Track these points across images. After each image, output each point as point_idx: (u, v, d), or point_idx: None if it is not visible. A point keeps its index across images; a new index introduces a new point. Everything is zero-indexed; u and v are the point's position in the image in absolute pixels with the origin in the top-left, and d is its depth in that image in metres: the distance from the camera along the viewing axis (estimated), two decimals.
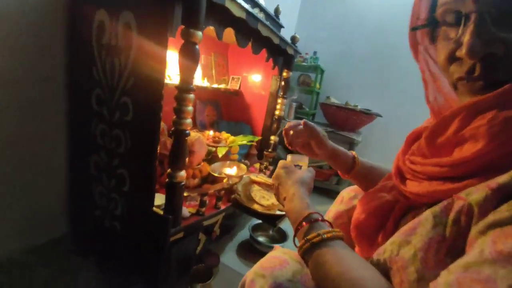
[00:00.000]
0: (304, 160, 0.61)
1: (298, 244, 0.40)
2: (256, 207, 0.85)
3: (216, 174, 0.95)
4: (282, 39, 1.07)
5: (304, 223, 0.41)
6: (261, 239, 1.21)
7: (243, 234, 1.26)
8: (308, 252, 0.37)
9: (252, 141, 1.21)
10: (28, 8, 0.75)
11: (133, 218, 0.78)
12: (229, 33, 0.84)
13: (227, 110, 1.60)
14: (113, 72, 0.73)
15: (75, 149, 0.91)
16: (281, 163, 0.57)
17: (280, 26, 1.20)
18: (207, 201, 0.86)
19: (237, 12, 0.73)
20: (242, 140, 1.16)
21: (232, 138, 1.17)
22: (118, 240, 0.84)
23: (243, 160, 1.32)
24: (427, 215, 0.32)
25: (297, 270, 0.40)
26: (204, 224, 0.87)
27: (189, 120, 0.68)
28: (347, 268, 0.32)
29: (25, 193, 0.85)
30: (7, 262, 0.81)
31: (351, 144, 1.80)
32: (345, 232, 0.41)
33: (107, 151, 0.79)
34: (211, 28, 0.74)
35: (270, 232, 1.33)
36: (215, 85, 1.33)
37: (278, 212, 1.04)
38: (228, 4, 0.69)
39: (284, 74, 1.35)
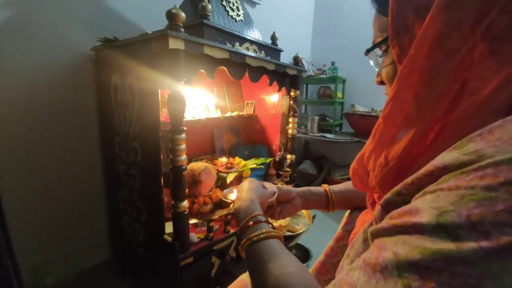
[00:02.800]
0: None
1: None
2: None
3: (225, 200, 1.02)
4: (278, 64, 1.12)
5: (250, 223, 0.44)
6: None
7: None
8: (247, 248, 0.40)
9: (264, 163, 1.26)
10: (69, 69, 0.97)
11: (151, 244, 0.90)
12: None
13: (245, 134, 1.69)
14: (125, 122, 0.88)
15: (108, 187, 1.09)
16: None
17: (279, 51, 1.26)
18: (215, 226, 0.93)
19: (219, 55, 0.82)
20: (253, 163, 1.22)
21: (243, 162, 1.24)
22: (143, 263, 0.96)
23: (262, 181, 1.37)
24: (361, 230, 0.34)
25: None
26: (215, 248, 0.93)
27: (183, 157, 0.77)
28: (277, 264, 0.34)
29: (75, 226, 1.05)
30: (61, 285, 0.99)
31: None
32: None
33: (128, 187, 0.93)
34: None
35: (293, 251, 1.33)
36: (229, 114, 1.43)
37: (287, 233, 1.05)
38: (208, 51, 0.78)
39: (292, 93, 1.38)
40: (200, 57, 0.79)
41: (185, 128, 0.76)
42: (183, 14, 0.69)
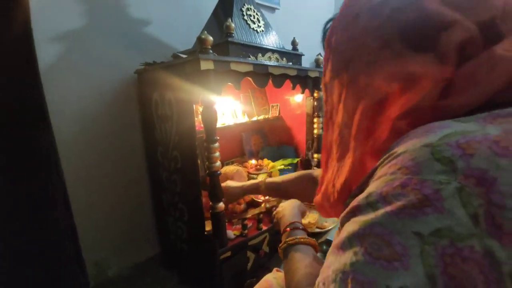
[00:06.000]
0: None
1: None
2: None
3: (256, 199, 1.11)
4: (299, 69, 1.17)
5: (288, 228, 0.54)
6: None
7: None
8: (284, 250, 0.49)
9: (291, 164, 1.32)
10: (115, 88, 1.12)
11: (193, 241, 1.01)
12: None
13: (272, 135, 1.76)
14: (166, 133, 1.00)
15: (154, 191, 1.24)
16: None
17: (299, 55, 1.31)
18: (249, 224, 1.02)
19: (244, 69, 0.90)
20: (281, 164, 1.28)
21: (272, 164, 1.31)
22: (187, 258, 1.08)
23: None
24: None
25: None
26: (250, 243, 1.02)
27: (218, 164, 0.87)
28: (305, 264, 0.43)
29: (129, 226, 1.21)
30: (120, 277, 1.16)
31: None
32: None
33: (170, 191, 1.06)
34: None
35: (323, 247, 1.37)
36: (255, 118, 1.52)
37: (316, 230, 1.11)
38: (234, 67, 0.86)
39: (315, 94, 1.42)
40: (228, 72, 0.87)
41: (218, 138, 0.86)
42: (211, 38, 0.79)
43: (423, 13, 0.28)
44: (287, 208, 0.63)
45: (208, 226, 0.94)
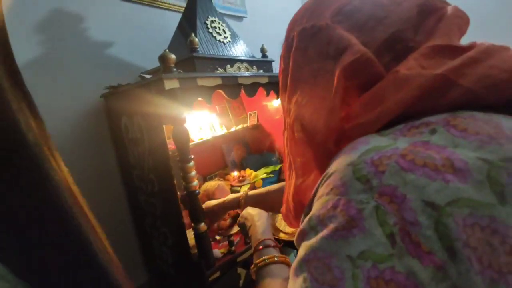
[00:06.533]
0: None
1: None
2: (281, 235, 0.94)
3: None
4: (270, 75, 1.17)
5: (260, 247, 0.52)
6: None
7: (291, 259, 1.33)
8: (256, 273, 0.48)
9: (273, 171, 1.31)
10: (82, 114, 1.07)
11: (179, 264, 0.97)
12: None
13: (253, 144, 1.75)
14: (139, 157, 0.97)
15: (135, 215, 1.19)
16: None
17: (270, 62, 1.31)
18: (236, 239, 0.99)
19: (212, 83, 0.89)
20: (263, 173, 1.27)
21: (254, 173, 1.29)
22: (176, 283, 1.04)
23: None
24: None
25: None
26: (239, 259, 0.99)
27: (195, 183, 0.84)
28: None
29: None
30: None
31: None
32: None
33: (151, 215, 1.02)
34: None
35: None
36: (233, 128, 1.50)
37: None
38: (201, 83, 0.85)
39: None
40: (196, 88, 0.85)
41: (192, 157, 0.83)
42: (173, 56, 0.77)
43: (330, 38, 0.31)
44: (256, 220, 0.62)
45: (194, 248, 0.91)
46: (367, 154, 0.23)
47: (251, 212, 0.68)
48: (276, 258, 0.48)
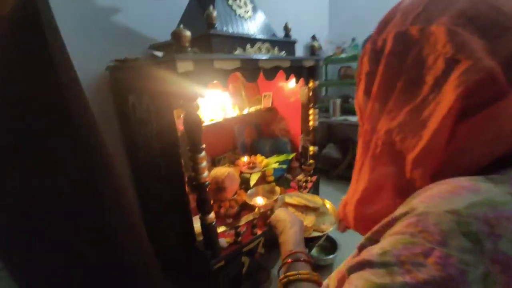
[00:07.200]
0: None
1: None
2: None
3: (250, 203, 1.05)
4: (293, 59, 1.06)
5: (289, 259, 0.49)
6: (312, 251, 1.25)
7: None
8: (285, 285, 0.45)
9: (286, 160, 1.25)
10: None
11: (185, 251, 0.97)
12: None
13: (266, 127, 1.67)
14: (147, 139, 0.91)
15: (142, 199, 1.16)
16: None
17: (293, 43, 1.18)
18: (242, 230, 0.97)
19: (230, 66, 0.80)
20: (275, 161, 1.21)
21: (265, 161, 1.24)
22: (181, 268, 1.04)
23: (285, 175, 1.37)
24: (344, 268, 0.37)
25: None
26: (244, 249, 0.98)
27: (205, 174, 0.79)
28: None
29: None
30: None
31: None
32: None
33: (157, 199, 0.99)
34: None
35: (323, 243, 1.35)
36: (246, 110, 1.42)
37: (313, 234, 1.06)
38: (218, 65, 0.76)
39: (310, 84, 1.32)
40: (212, 70, 0.77)
41: (204, 146, 0.77)
42: (188, 33, 0.67)
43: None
44: (289, 227, 0.57)
45: (200, 236, 0.89)
46: (479, 207, 0.20)
47: (284, 216, 0.63)
48: (308, 276, 0.45)
